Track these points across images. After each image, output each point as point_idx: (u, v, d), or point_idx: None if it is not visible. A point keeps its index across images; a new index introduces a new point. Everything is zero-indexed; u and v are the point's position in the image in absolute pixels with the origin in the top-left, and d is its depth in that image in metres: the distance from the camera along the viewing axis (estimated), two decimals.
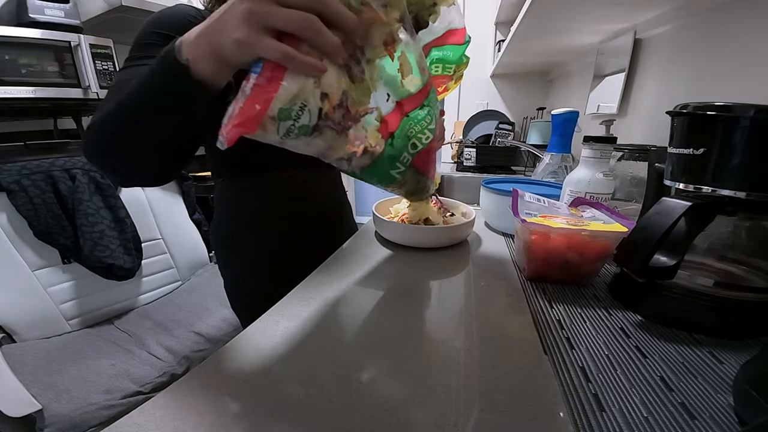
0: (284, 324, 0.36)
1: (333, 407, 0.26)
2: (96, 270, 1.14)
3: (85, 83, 1.25)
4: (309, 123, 0.29)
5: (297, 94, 0.27)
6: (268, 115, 0.27)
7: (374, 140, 0.36)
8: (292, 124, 0.28)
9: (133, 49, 0.45)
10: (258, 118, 0.26)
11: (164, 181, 0.44)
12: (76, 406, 0.82)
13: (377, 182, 0.42)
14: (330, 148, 0.33)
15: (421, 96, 0.39)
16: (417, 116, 0.40)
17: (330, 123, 0.31)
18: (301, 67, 0.27)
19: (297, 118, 0.28)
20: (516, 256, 0.54)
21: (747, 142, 0.32)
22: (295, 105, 0.27)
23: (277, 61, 0.26)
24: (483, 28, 1.83)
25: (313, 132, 0.30)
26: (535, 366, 0.30)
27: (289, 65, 0.27)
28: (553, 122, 0.92)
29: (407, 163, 0.41)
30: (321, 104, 0.29)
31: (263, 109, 0.26)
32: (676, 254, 0.33)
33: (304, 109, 0.28)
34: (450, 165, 1.72)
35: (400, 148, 0.39)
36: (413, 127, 0.39)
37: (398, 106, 0.38)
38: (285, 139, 0.29)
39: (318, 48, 0.27)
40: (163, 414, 0.25)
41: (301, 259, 0.53)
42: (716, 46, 0.61)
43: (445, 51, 0.54)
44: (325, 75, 0.29)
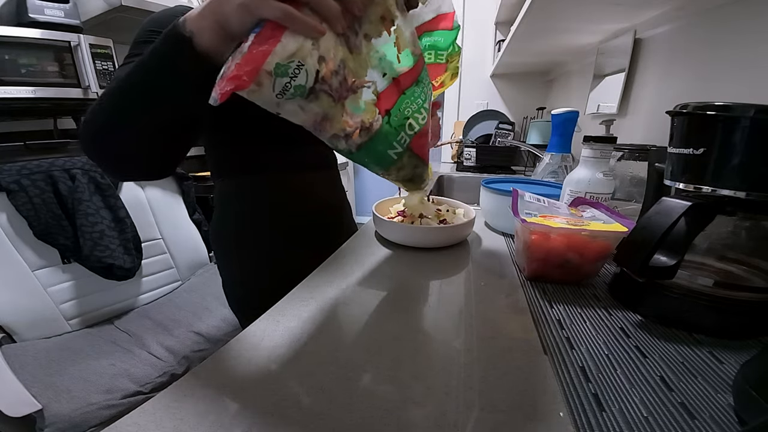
0: (284, 324, 0.36)
1: (333, 407, 0.26)
2: (96, 270, 1.14)
3: (85, 83, 1.25)
4: (305, 84, 0.29)
5: (295, 52, 0.28)
6: (265, 69, 0.27)
7: (371, 115, 0.37)
8: (288, 82, 0.28)
9: (132, 48, 0.45)
10: (254, 72, 0.26)
11: (160, 175, 0.43)
12: (76, 406, 0.82)
13: (375, 164, 0.42)
14: (326, 118, 0.33)
15: (415, 71, 0.40)
16: (413, 93, 0.40)
17: (326, 87, 0.31)
18: (301, 26, 0.28)
19: (294, 76, 0.28)
20: (516, 256, 0.54)
21: (747, 142, 0.32)
22: (292, 62, 0.28)
23: (277, 20, 0.27)
24: (483, 28, 1.83)
25: (309, 94, 0.30)
26: (535, 366, 0.30)
27: (289, 24, 0.27)
28: (553, 122, 0.92)
29: (405, 145, 0.41)
30: (318, 66, 0.30)
31: (260, 62, 0.26)
32: (676, 254, 0.33)
33: (301, 68, 0.28)
34: (450, 165, 1.72)
35: (398, 128, 0.40)
36: (410, 105, 0.40)
37: (395, 82, 0.38)
38: (281, 99, 0.29)
39: (319, 12, 0.29)
40: (163, 414, 0.25)
41: (301, 259, 0.53)
42: (716, 46, 0.61)
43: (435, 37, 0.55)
44: (324, 39, 0.29)
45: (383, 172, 0.44)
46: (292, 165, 0.63)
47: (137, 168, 0.41)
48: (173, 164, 0.42)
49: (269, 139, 0.59)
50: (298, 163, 0.64)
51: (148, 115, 0.35)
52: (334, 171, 0.74)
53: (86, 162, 1.16)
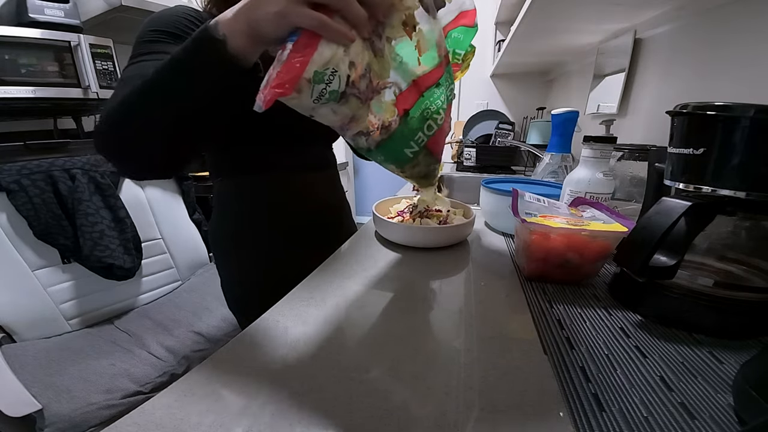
0: (284, 324, 0.36)
1: (333, 407, 0.26)
2: (96, 270, 1.14)
3: (85, 83, 1.25)
4: (338, 89, 0.31)
5: (330, 59, 0.29)
6: (305, 77, 0.28)
7: (390, 115, 0.38)
8: (324, 88, 0.30)
9: (135, 47, 0.45)
10: (295, 80, 0.28)
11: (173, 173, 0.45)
12: (76, 405, 0.82)
13: (392, 162, 0.43)
14: (353, 119, 0.35)
15: (437, 74, 0.41)
16: (433, 95, 0.41)
17: (356, 91, 0.33)
18: (334, 34, 0.29)
19: (329, 82, 0.30)
20: (516, 256, 0.54)
21: (747, 142, 0.32)
22: (328, 69, 0.30)
23: (313, 29, 0.29)
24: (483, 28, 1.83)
25: (341, 98, 0.32)
26: (535, 366, 0.30)
27: (323, 33, 0.29)
28: (553, 122, 0.92)
29: (422, 144, 0.42)
30: (349, 71, 0.31)
31: (300, 71, 0.28)
32: (676, 254, 0.33)
33: (335, 74, 0.30)
34: (450, 165, 1.72)
35: (416, 128, 0.41)
36: (429, 106, 0.41)
37: (414, 83, 0.40)
38: (317, 104, 0.31)
39: (348, 18, 0.30)
40: (163, 414, 0.25)
41: (301, 259, 0.53)
42: (716, 46, 0.61)
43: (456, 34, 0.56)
44: (353, 45, 0.31)
45: (398, 169, 0.45)
46: (291, 165, 0.63)
47: (152, 165, 0.41)
48: (188, 161, 0.43)
49: (269, 139, 0.59)
50: (298, 164, 0.64)
51: (173, 112, 0.36)
52: (333, 171, 0.74)
53: (86, 162, 1.16)
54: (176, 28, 0.45)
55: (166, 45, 0.44)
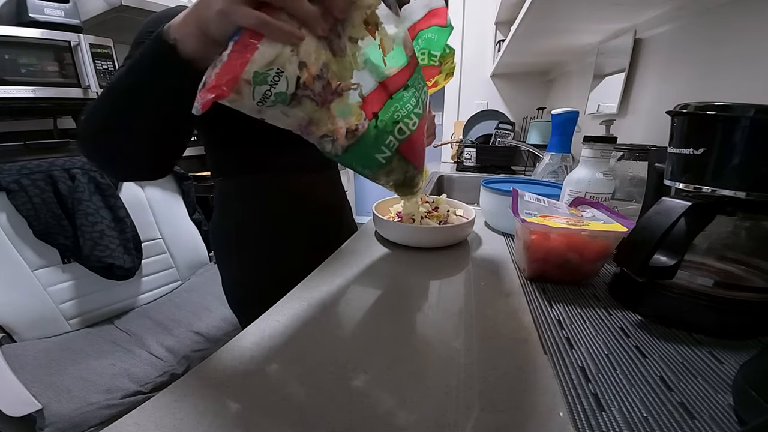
0: (284, 324, 0.36)
1: (333, 407, 0.26)
2: (96, 270, 1.14)
3: (84, 83, 1.25)
4: (287, 90, 0.29)
5: (273, 59, 0.28)
6: (243, 78, 0.27)
7: (357, 118, 0.36)
8: (268, 90, 0.28)
9: (131, 48, 0.45)
10: (232, 82, 0.27)
11: (157, 175, 0.44)
12: (76, 405, 0.82)
13: (363, 167, 0.41)
14: (312, 122, 0.33)
15: (405, 75, 0.39)
16: (402, 97, 0.39)
17: (309, 93, 0.31)
18: (276, 33, 0.28)
19: (273, 84, 0.28)
20: (516, 256, 0.54)
21: (747, 142, 0.32)
22: (271, 70, 0.28)
23: (253, 28, 0.27)
24: (483, 28, 1.83)
25: (291, 101, 0.30)
26: (535, 366, 0.30)
27: (264, 31, 0.27)
28: (553, 122, 0.92)
29: (393, 148, 0.40)
30: (299, 72, 0.30)
31: (238, 72, 0.27)
32: (676, 254, 0.33)
33: (280, 75, 0.28)
34: (450, 165, 1.72)
35: (386, 132, 0.39)
36: (399, 110, 0.39)
37: (381, 86, 0.38)
38: (262, 107, 0.29)
39: (294, 15, 0.28)
40: (163, 414, 0.25)
41: (301, 259, 0.53)
42: (716, 46, 0.61)
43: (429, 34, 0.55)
44: (304, 44, 0.29)
45: (372, 175, 0.43)
46: (292, 165, 0.63)
47: (134, 169, 0.42)
48: (169, 165, 0.43)
49: (269, 139, 0.59)
50: (299, 163, 0.64)
51: (139, 118, 0.36)
52: (334, 171, 0.74)
53: (86, 162, 1.16)
54: None
55: None
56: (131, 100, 0.35)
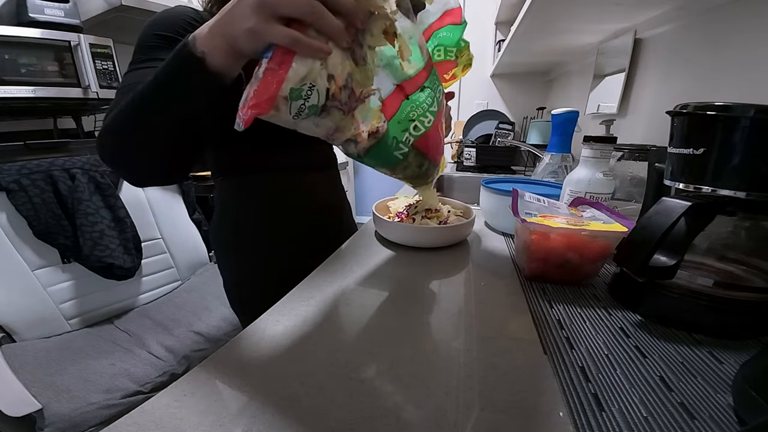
0: (284, 324, 0.36)
1: (333, 407, 0.26)
2: (96, 269, 1.14)
3: (84, 83, 1.25)
4: (318, 103, 0.31)
5: (306, 75, 0.29)
6: (281, 95, 0.28)
7: (377, 120, 0.38)
8: (303, 104, 0.30)
9: (136, 52, 0.45)
10: (272, 99, 0.28)
11: (178, 180, 0.45)
12: (76, 405, 0.82)
13: (382, 165, 0.44)
14: (338, 129, 0.35)
15: (421, 78, 0.41)
16: (418, 99, 0.41)
17: (337, 103, 0.33)
18: (308, 50, 0.29)
19: (307, 97, 0.30)
20: (516, 256, 0.54)
21: (747, 142, 0.32)
22: (305, 85, 0.29)
23: (286, 46, 0.28)
24: (483, 28, 1.83)
25: (322, 112, 0.32)
26: (535, 366, 0.30)
27: (297, 48, 0.28)
28: (553, 122, 0.92)
29: (410, 144, 0.42)
30: (328, 85, 0.31)
31: (276, 89, 0.28)
32: (676, 254, 0.33)
33: (312, 89, 0.30)
34: (450, 165, 1.72)
35: (403, 130, 0.41)
36: (415, 109, 0.41)
37: (398, 88, 0.40)
38: (297, 119, 0.31)
39: (323, 31, 0.29)
40: (163, 414, 0.25)
41: (301, 259, 0.53)
42: (716, 46, 0.61)
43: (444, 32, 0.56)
44: (331, 57, 0.30)
45: (390, 171, 0.45)
46: (292, 165, 0.63)
47: (151, 175, 0.43)
48: (188, 170, 0.44)
49: (270, 139, 0.59)
50: (299, 164, 0.64)
51: (164, 127, 0.36)
52: (334, 171, 0.74)
53: (86, 162, 1.16)
54: (176, 32, 0.45)
55: (164, 51, 0.44)
56: (157, 111, 0.36)
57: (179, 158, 0.40)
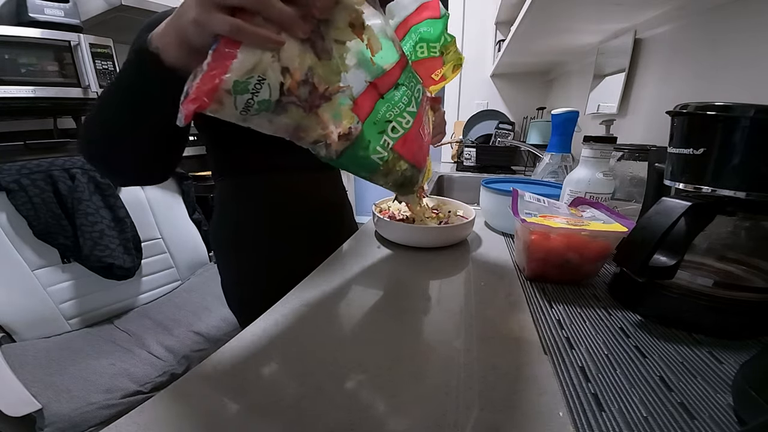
0: (284, 324, 0.36)
1: (332, 407, 0.26)
2: (96, 269, 1.14)
3: (84, 83, 1.25)
4: (270, 98, 0.29)
5: (253, 67, 0.27)
6: (223, 89, 0.26)
7: (349, 120, 0.35)
8: (250, 98, 0.28)
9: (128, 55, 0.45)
10: (212, 92, 0.26)
11: (161, 179, 0.44)
12: (76, 405, 0.82)
13: (360, 169, 0.40)
14: (300, 128, 0.32)
15: (395, 75, 0.38)
16: (393, 97, 0.38)
17: (294, 99, 0.30)
18: (253, 39, 0.27)
19: (255, 92, 0.28)
20: (516, 256, 0.54)
21: (747, 142, 0.32)
22: (252, 78, 0.27)
23: (228, 35, 0.26)
24: (483, 28, 1.83)
25: (276, 107, 0.30)
26: (535, 366, 0.30)
27: (240, 37, 0.26)
28: (553, 122, 0.92)
29: (389, 148, 0.39)
30: (282, 79, 0.29)
31: (217, 83, 0.26)
32: (676, 254, 0.33)
33: (262, 82, 0.28)
34: (450, 165, 1.72)
35: (380, 132, 0.38)
36: (391, 109, 0.38)
37: (371, 86, 0.37)
38: (245, 115, 0.29)
39: (271, 20, 0.27)
40: (163, 414, 0.25)
41: (301, 259, 0.53)
42: (716, 46, 0.61)
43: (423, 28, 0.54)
44: (285, 49, 0.28)
45: (370, 176, 0.42)
46: (292, 165, 0.63)
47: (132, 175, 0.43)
48: (169, 169, 0.44)
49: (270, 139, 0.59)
50: (299, 163, 0.63)
51: (129, 126, 0.36)
52: (334, 171, 0.74)
53: (86, 162, 1.16)
54: None
55: None
56: (119, 110, 0.36)
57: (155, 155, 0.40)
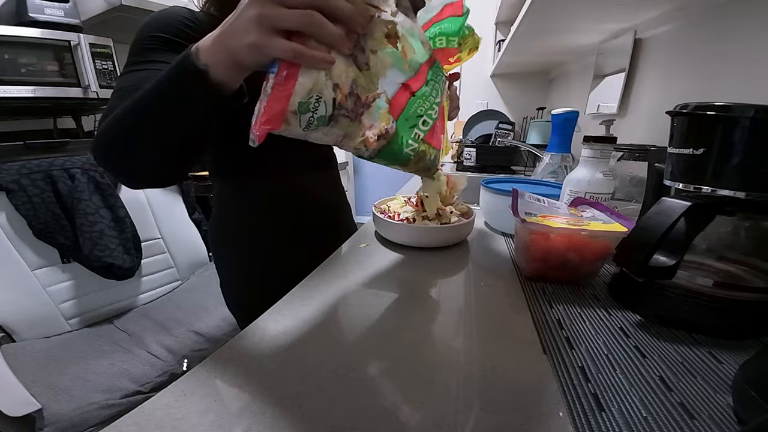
0: (284, 324, 0.36)
1: (332, 407, 0.26)
2: (95, 269, 1.14)
3: (84, 83, 1.25)
4: (326, 113, 0.31)
5: (312, 87, 0.29)
6: (290, 110, 0.29)
7: (386, 122, 0.38)
8: (312, 116, 0.30)
9: (131, 54, 0.45)
10: (282, 115, 0.29)
11: (174, 182, 0.45)
12: (76, 405, 0.82)
13: (394, 163, 0.44)
14: (347, 135, 0.35)
15: (424, 72, 0.41)
16: (423, 94, 0.41)
17: (344, 111, 0.33)
18: (311, 62, 0.29)
19: (315, 110, 0.30)
20: (516, 256, 0.54)
21: (747, 142, 0.32)
22: (312, 98, 0.29)
23: (289, 59, 0.28)
24: (483, 28, 1.83)
25: (330, 121, 0.32)
26: (535, 366, 0.30)
27: (300, 61, 0.28)
28: (553, 122, 0.92)
29: (420, 140, 0.43)
30: (334, 94, 0.31)
31: (285, 104, 0.28)
32: (676, 254, 0.33)
33: (320, 100, 0.30)
34: (450, 165, 1.72)
35: (412, 127, 0.41)
36: (422, 104, 0.41)
37: (404, 86, 0.40)
38: (307, 131, 0.31)
39: (323, 40, 0.29)
40: (163, 414, 0.25)
41: (301, 260, 0.53)
42: (716, 46, 0.61)
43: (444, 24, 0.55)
44: (334, 66, 0.30)
45: (402, 167, 0.45)
46: (292, 165, 0.63)
47: (148, 179, 0.43)
48: (186, 172, 0.44)
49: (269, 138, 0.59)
50: (299, 164, 0.64)
51: (162, 136, 0.37)
52: (334, 171, 0.74)
53: (86, 161, 1.16)
54: (170, 32, 0.45)
55: (160, 53, 0.44)
56: (157, 119, 0.36)
57: (177, 162, 0.40)
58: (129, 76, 0.43)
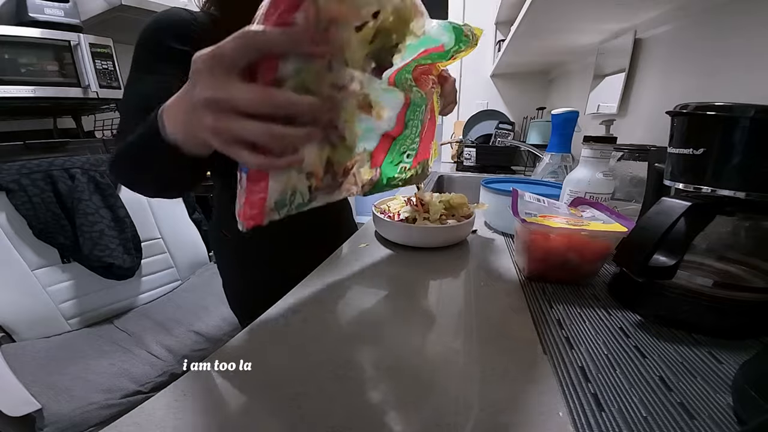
0: (284, 324, 0.36)
1: (332, 407, 0.26)
2: (95, 269, 1.14)
3: (84, 82, 1.25)
4: (304, 200, 0.33)
5: (284, 188, 0.30)
6: (268, 208, 0.30)
7: (369, 174, 0.40)
8: (289, 207, 0.32)
9: (135, 61, 0.45)
10: (261, 215, 0.30)
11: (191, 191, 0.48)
12: (76, 405, 0.82)
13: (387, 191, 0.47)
14: (331, 198, 0.37)
15: (402, 116, 0.42)
16: (404, 135, 0.43)
17: (320, 192, 0.34)
18: (278, 169, 0.29)
19: (291, 202, 0.32)
20: (516, 256, 0.54)
21: (747, 142, 0.32)
22: (286, 195, 0.31)
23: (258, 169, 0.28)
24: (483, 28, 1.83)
25: (309, 203, 0.34)
26: (535, 366, 0.30)
27: (269, 171, 0.28)
28: (553, 122, 0.92)
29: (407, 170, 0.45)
30: (309, 182, 0.32)
31: (262, 206, 0.30)
32: (676, 254, 0.33)
33: (295, 194, 0.31)
34: (450, 165, 1.72)
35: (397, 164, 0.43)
36: (403, 144, 0.43)
37: (384, 136, 0.40)
38: (288, 214, 0.32)
39: (288, 149, 0.27)
40: (163, 414, 0.25)
41: (301, 260, 0.53)
42: (716, 46, 0.61)
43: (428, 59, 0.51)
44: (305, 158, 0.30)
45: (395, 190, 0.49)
46: None
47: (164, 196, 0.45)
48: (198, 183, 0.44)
49: None
50: None
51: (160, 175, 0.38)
52: None
53: (86, 161, 1.16)
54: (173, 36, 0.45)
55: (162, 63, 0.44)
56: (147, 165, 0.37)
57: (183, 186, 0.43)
58: (134, 89, 0.44)
